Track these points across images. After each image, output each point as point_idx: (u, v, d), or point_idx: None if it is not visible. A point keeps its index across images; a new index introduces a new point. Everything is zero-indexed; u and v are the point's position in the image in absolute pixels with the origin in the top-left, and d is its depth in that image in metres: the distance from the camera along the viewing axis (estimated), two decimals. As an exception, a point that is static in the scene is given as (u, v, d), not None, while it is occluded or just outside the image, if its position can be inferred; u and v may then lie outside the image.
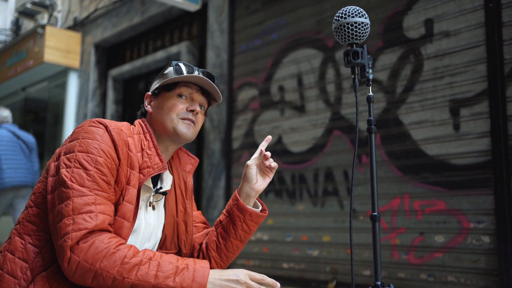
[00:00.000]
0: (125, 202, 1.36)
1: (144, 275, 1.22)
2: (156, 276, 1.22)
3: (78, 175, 1.27)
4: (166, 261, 1.26)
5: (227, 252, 1.62)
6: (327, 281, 4.07)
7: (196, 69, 1.56)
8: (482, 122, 3.31)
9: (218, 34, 5.37)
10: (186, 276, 1.24)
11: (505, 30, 3.25)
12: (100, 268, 1.20)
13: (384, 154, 3.81)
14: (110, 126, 1.38)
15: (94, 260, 1.21)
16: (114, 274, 1.21)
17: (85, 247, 1.21)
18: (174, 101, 1.51)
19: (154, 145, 1.48)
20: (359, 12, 1.71)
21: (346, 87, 4.18)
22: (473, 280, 3.25)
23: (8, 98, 9.95)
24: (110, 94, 7.28)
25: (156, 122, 1.53)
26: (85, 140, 1.33)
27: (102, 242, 1.22)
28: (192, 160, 1.66)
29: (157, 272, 1.23)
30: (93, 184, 1.28)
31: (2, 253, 1.34)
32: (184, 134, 1.50)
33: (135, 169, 1.41)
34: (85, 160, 1.29)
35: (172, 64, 1.55)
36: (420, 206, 3.57)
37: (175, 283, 1.23)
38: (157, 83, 1.57)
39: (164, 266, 1.25)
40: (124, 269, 1.21)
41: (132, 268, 1.22)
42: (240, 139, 5.00)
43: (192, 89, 1.54)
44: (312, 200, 4.29)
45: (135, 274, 1.22)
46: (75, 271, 1.21)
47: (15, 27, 10.08)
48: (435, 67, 3.59)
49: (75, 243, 1.21)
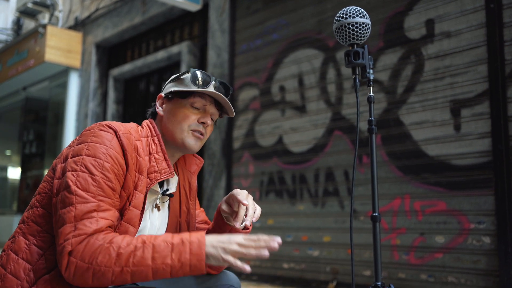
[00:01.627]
0: (132, 207, 1.36)
1: (141, 260, 1.19)
2: (153, 259, 1.20)
3: (83, 179, 1.27)
4: (160, 241, 1.23)
5: None
6: (328, 281, 4.07)
7: (213, 80, 1.54)
8: (483, 123, 3.31)
9: (219, 34, 5.37)
10: (183, 250, 1.20)
11: (506, 31, 3.25)
12: (97, 265, 1.19)
13: (384, 155, 3.80)
14: (120, 130, 1.37)
15: (91, 258, 1.19)
16: (112, 267, 1.19)
17: (81, 248, 1.20)
18: (186, 111, 1.49)
19: (162, 149, 1.47)
20: (360, 12, 1.71)
21: (347, 88, 4.18)
22: (474, 281, 3.25)
23: (9, 97, 9.96)
24: (111, 93, 7.28)
25: (166, 128, 1.51)
26: (93, 144, 1.32)
27: (96, 239, 1.21)
28: (197, 160, 1.66)
29: (153, 254, 1.20)
30: (97, 189, 1.27)
31: (6, 252, 1.33)
32: (192, 147, 1.51)
33: (143, 174, 1.40)
34: (91, 165, 1.28)
35: (190, 71, 1.53)
36: (421, 206, 3.57)
37: (173, 261, 1.19)
38: (172, 86, 1.55)
39: (159, 247, 1.21)
40: (121, 259, 1.19)
41: (128, 257, 1.19)
42: (241, 139, 5.00)
43: (206, 101, 1.52)
44: (313, 200, 4.29)
45: (132, 262, 1.19)
46: (74, 273, 1.20)
47: (16, 26, 10.09)
48: (436, 68, 3.59)
49: (74, 248, 1.20)
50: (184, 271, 1.20)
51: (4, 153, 11.13)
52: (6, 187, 10.58)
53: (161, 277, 1.20)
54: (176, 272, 1.20)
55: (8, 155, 10.93)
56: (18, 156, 9.89)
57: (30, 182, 9.08)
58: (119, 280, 1.20)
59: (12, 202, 9.94)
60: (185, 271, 1.20)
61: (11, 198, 10.16)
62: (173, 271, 1.20)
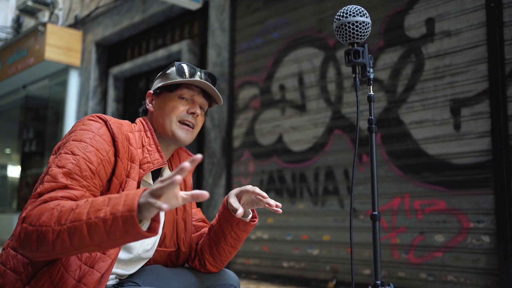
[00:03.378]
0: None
1: (77, 215, 1.10)
2: (88, 213, 1.09)
3: (64, 158, 1.27)
4: (100, 197, 1.14)
5: (219, 256, 1.64)
6: (327, 280, 4.07)
7: (199, 71, 1.57)
8: (483, 122, 3.31)
9: (219, 33, 5.37)
10: (116, 203, 1.08)
11: (506, 30, 3.25)
12: (39, 225, 1.12)
13: (384, 154, 3.81)
14: (110, 120, 1.40)
15: (37, 221, 1.14)
16: (51, 225, 1.11)
17: (33, 213, 1.16)
18: (175, 102, 1.52)
19: (154, 142, 1.49)
20: (360, 11, 1.71)
21: (347, 86, 4.18)
22: (473, 280, 3.26)
23: (9, 96, 9.96)
24: (110, 92, 7.28)
25: (156, 122, 1.54)
26: (81, 131, 1.34)
27: (47, 204, 1.17)
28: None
29: (89, 209, 1.10)
30: (75, 167, 1.25)
31: (5, 250, 1.34)
32: (182, 140, 1.52)
33: (136, 163, 1.42)
34: (76, 147, 1.30)
35: (175, 65, 1.56)
36: (420, 205, 3.57)
37: (105, 214, 1.08)
38: (159, 82, 1.58)
39: (96, 201, 1.12)
40: (60, 217, 1.11)
41: (67, 214, 1.11)
42: (241, 138, 5.00)
43: (194, 91, 1.55)
44: (313, 199, 4.29)
45: (69, 218, 1.10)
46: (23, 239, 1.15)
47: (16, 25, 10.08)
48: (436, 67, 3.59)
49: (27, 214, 1.17)
50: (117, 226, 1.07)
51: (4, 152, 11.13)
52: (6, 185, 10.58)
53: (96, 235, 1.09)
54: (109, 228, 1.07)
55: (8, 154, 10.93)
56: (18, 154, 9.89)
57: (30, 181, 9.09)
58: (58, 241, 1.11)
59: (12, 201, 9.95)
60: (118, 226, 1.07)
61: (11, 196, 10.16)
62: (106, 225, 1.07)
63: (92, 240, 1.10)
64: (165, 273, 1.61)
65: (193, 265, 1.68)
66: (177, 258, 1.67)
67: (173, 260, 1.67)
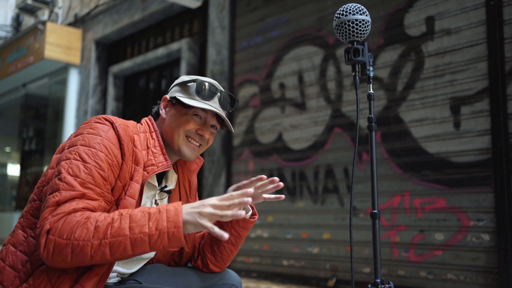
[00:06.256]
0: (127, 196, 1.36)
1: (119, 230, 1.17)
2: (130, 228, 1.17)
3: (75, 166, 1.27)
4: (137, 211, 1.21)
5: (221, 254, 1.64)
6: (327, 278, 4.08)
7: (219, 92, 1.54)
8: (483, 120, 3.31)
9: (219, 31, 5.37)
10: (160, 218, 1.18)
11: (506, 28, 3.25)
12: (75, 239, 1.16)
13: (384, 152, 3.81)
14: (116, 122, 1.39)
15: (69, 234, 1.17)
16: (90, 240, 1.16)
17: (59, 225, 1.18)
18: (188, 117, 1.50)
19: (160, 144, 1.48)
20: (360, 9, 1.71)
21: (347, 85, 4.17)
22: (473, 278, 3.26)
23: (9, 94, 9.95)
24: (110, 90, 7.27)
25: (165, 130, 1.53)
26: (89, 135, 1.34)
27: (74, 216, 1.19)
28: (197, 160, 1.66)
29: (130, 224, 1.18)
30: (88, 177, 1.27)
31: (5, 246, 1.35)
32: (187, 157, 1.52)
33: (140, 165, 1.41)
34: (85, 154, 1.29)
35: (197, 82, 1.52)
36: (420, 203, 3.57)
37: (150, 229, 1.17)
38: (177, 91, 1.55)
39: (136, 216, 1.19)
40: (98, 232, 1.17)
41: (106, 229, 1.17)
42: (241, 136, 5.00)
43: (208, 113, 1.53)
44: (313, 198, 4.29)
45: (110, 233, 1.17)
46: (53, 251, 1.18)
47: (16, 23, 10.07)
48: (436, 65, 3.59)
49: (52, 226, 1.19)
50: (162, 241, 1.17)
51: (3, 150, 11.13)
52: (6, 184, 10.59)
53: (140, 248, 1.18)
54: (155, 242, 1.17)
55: (8, 152, 10.93)
56: (17, 153, 9.89)
57: (29, 179, 9.09)
58: (98, 254, 1.17)
59: (12, 199, 9.95)
60: (163, 240, 1.17)
61: (11, 195, 10.16)
62: (151, 240, 1.17)
63: (134, 252, 1.18)
64: (167, 272, 1.62)
65: (196, 265, 1.68)
66: (180, 257, 1.68)
67: (176, 259, 1.68)
